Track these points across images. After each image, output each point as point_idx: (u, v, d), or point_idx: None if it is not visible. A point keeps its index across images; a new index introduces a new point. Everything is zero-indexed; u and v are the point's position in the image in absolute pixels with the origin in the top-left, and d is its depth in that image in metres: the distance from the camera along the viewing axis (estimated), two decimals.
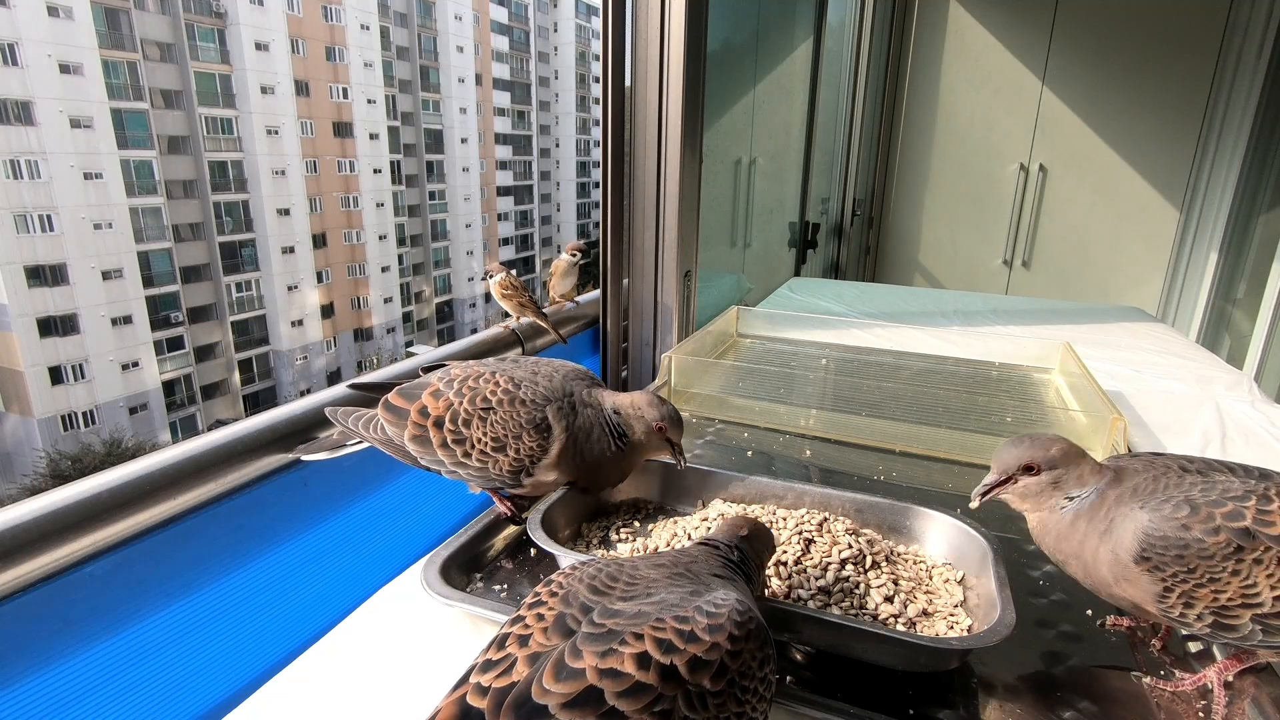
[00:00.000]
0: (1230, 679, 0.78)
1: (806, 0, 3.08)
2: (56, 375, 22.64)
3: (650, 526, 1.05)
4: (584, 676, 0.52)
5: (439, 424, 0.94)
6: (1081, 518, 0.77)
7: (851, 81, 3.86)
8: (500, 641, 0.57)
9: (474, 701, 0.52)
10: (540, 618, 0.58)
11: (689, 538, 0.98)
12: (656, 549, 0.98)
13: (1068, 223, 4.07)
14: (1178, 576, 0.70)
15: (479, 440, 0.93)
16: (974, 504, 0.84)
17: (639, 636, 0.54)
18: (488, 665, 0.55)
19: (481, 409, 0.94)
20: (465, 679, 0.55)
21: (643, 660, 0.53)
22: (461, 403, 0.94)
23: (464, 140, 37.05)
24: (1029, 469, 0.80)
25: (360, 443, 1.01)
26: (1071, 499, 0.79)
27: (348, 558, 1.10)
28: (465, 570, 0.98)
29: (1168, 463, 0.77)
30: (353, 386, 1.10)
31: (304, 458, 0.99)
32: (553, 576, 0.64)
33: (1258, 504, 0.69)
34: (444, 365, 1.03)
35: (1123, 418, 1.30)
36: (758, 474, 1.09)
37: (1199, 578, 0.69)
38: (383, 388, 1.02)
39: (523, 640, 0.56)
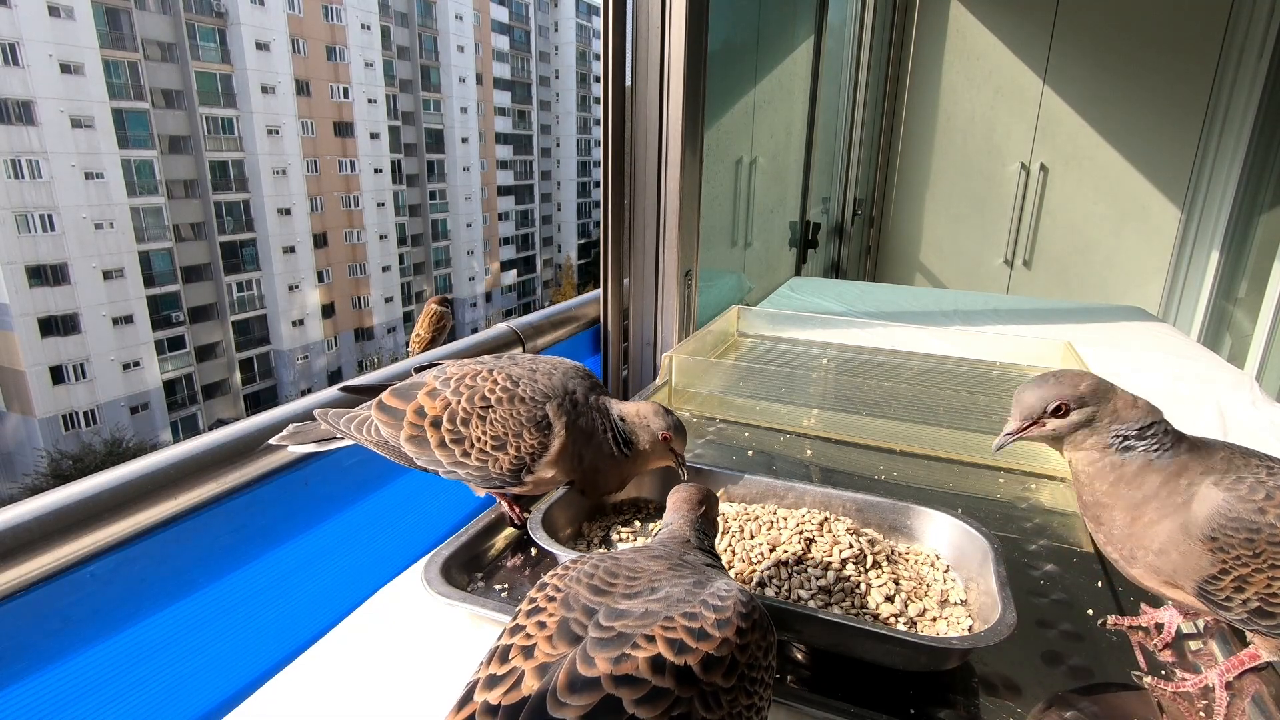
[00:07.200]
0: (1232, 679, 0.78)
1: (807, 0, 3.08)
2: (58, 375, 22.67)
3: (651, 526, 1.05)
4: (599, 686, 0.49)
5: (436, 424, 0.92)
6: (1154, 473, 0.72)
7: (852, 81, 3.86)
8: (502, 654, 0.55)
9: None
10: (542, 625, 0.56)
11: None
12: None
13: (1069, 222, 4.06)
14: (1240, 560, 0.67)
15: (478, 439, 0.92)
16: (995, 450, 0.81)
17: (650, 639, 0.53)
18: (493, 681, 0.52)
19: (480, 407, 0.93)
20: (469, 698, 0.52)
21: (657, 663, 0.51)
22: (459, 401, 0.93)
23: (465, 140, 37.07)
24: (1058, 410, 0.74)
25: (345, 439, 0.98)
26: (1125, 440, 0.73)
27: (348, 558, 1.10)
28: (466, 570, 0.98)
29: (1224, 443, 0.75)
30: (345, 390, 1.08)
31: (292, 448, 0.97)
32: (545, 580, 0.62)
33: None
34: (438, 364, 1.02)
35: None
36: (758, 473, 1.09)
37: (1260, 563, 0.67)
38: (376, 391, 1.00)
39: (527, 651, 0.54)
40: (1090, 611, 0.93)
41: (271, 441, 0.96)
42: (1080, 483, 0.78)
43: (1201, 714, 0.77)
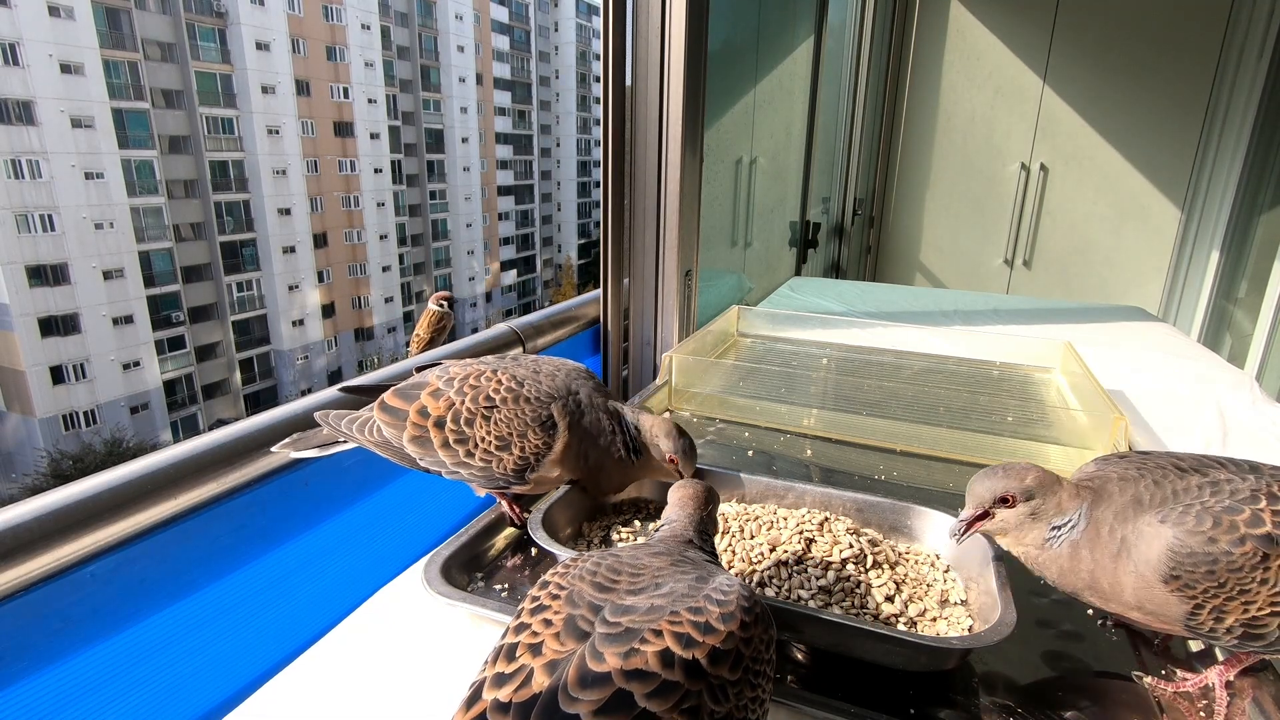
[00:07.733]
0: (1231, 678, 0.78)
1: (807, 0, 3.08)
2: (58, 375, 22.68)
3: (651, 526, 1.05)
4: (610, 681, 0.50)
5: (440, 424, 0.92)
6: (1081, 546, 0.73)
7: (852, 80, 3.86)
8: (509, 652, 0.55)
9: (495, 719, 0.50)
10: (548, 623, 0.56)
11: None
12: None
13: (1069, 222, 4.07)
14: (1209, 593, 0.67)
15: (482, 439, 0.92)
16: (954, 540, 0.81)
17: (657, 633, 0.53)
18: (501, 679, 0.52)
19: (485, 407, 0.92)
20: (478, 696, 0.52)
21: (666, 657, 0.52)
22: (463, 402, 0.93)
23: (465, 140, 37.08)
24: (1004, 501, 0.76)
25: (347, 441, 0.98)
26: (1057, 529, 0.75)
27: (348, 558, 1.10)
28: (466, 570, 0.98)
29: (1160, 463, 0.75)
30: (345, 390, 1.07)
31: (293, 454, 0.97)
32: (546, 578, 0.62)
33: (1269, 505, 0.67)
34: (439, 364, 1.01)
35: (1124, 417, 1.30)
36: (759, 473, 1.09)
37: (1230, 591, 0.66)
38: (376, 390, 1.00)
39: (534, 649, 0.54)
40: (1090, 611, 0.93)
41: (274, 449, 0.96)
42: (1036, 573, 0.79)
43: (1201, 714, 0.77)
